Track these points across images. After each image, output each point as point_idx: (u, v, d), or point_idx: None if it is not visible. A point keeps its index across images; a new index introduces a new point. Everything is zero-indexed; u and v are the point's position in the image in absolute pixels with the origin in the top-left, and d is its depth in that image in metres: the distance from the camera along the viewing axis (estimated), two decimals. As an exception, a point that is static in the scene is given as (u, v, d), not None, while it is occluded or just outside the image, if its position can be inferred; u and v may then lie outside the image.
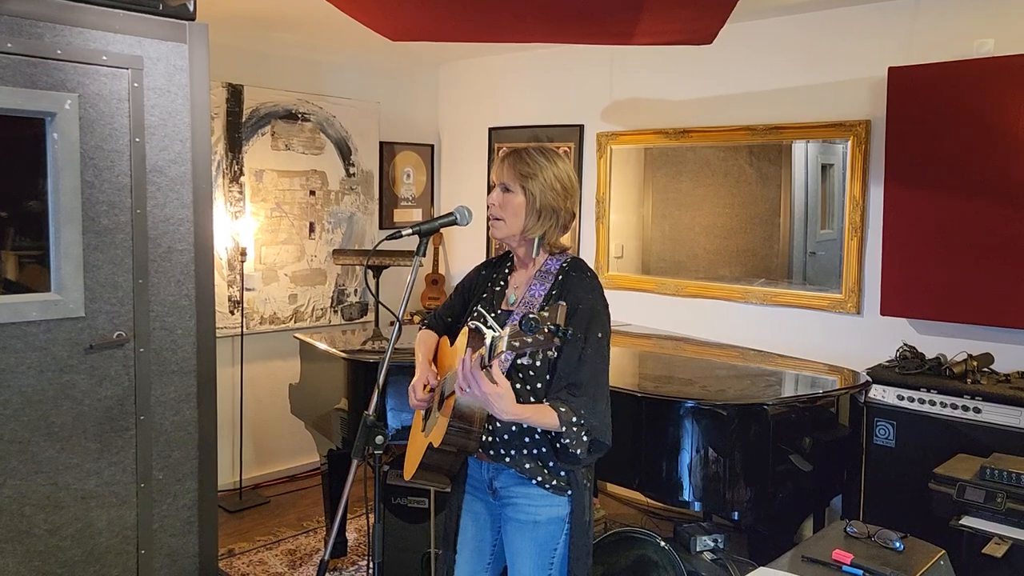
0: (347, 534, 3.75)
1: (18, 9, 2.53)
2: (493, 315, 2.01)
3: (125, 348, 2.83)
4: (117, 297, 2.80)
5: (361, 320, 5.13)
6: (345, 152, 4.98)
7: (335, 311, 5.02)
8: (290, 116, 4.69)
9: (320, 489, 4.60)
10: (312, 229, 4.86)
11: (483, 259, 5.33)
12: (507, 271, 2.12)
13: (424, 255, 2.07)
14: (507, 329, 1.65)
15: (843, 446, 3.10)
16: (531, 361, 1.77)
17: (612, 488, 4.54)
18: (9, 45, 2.52)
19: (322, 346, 3.59)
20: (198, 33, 2.94)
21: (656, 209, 4.57)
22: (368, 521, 3.84)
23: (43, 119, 2.64)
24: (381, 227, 5.22)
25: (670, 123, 4.36)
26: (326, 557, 2.04)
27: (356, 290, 5.12)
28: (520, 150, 2.04)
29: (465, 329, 1.99)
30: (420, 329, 2.28)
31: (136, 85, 2.80)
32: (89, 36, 2.68)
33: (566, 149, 4.84)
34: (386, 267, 4.82)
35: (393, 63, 5.23)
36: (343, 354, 3.42)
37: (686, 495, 2.72)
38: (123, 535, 2.85)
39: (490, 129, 5.25)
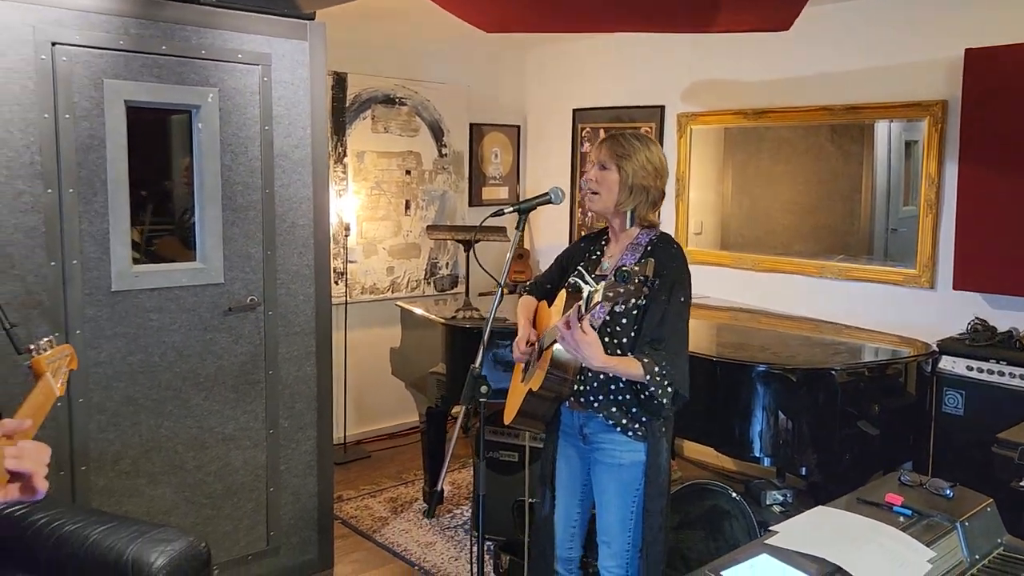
0: (443, 485, 4.11)
1: (171, 16, 2.92)
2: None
3: (256, 311, 3.23)
4: (250, 266, 3.20)
5: (452, 291, 5.48)
6: (438, 134, 5.31)
7: (428, 282, 5.38)
8: (388, 101, 5.05)
9: (415, 445, 5.01)
10: (408, 206, 5.22)
11: (565, 235, 5.61)
12: (603, 243, 2.41)
13: (523, 230, 2.37)
14: (602, 283, 1.94)
15: (911, 413, 3.28)
16: (623, 308, 2.04)
17: (687, 452, 4.79)
18: (164, 47, 2.91)
19: (423, 313, 3.95)
20: (317, 31, 3.29)
21: (735, 186, 4.75)
22: (476, 469, 4.19)
23: (190, 111, 3.04)
24: (471, 204, 5.55)
25: (748, 104, 4.52)
26: (439, 487, 2.37)
27: (447, 263, 5.47)
28: (618, 134, 2.32)
29: (562, 292, 2.29)
30: (522, 295, 2.59)
31: (265, 79, 3.17)
32: (227, 37, 3.06)
33: (647, 129, 5.05)
34: (477, 242, 5.15)
35: (483, 49, 5.52)
36: (442, 320, 3.76)
37: (756, 451, 2.96)
38: (255, 474, 3.27)
39: (574, 110, 5.49)
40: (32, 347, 1.41)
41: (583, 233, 5.53)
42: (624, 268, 1.85)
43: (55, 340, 1.45)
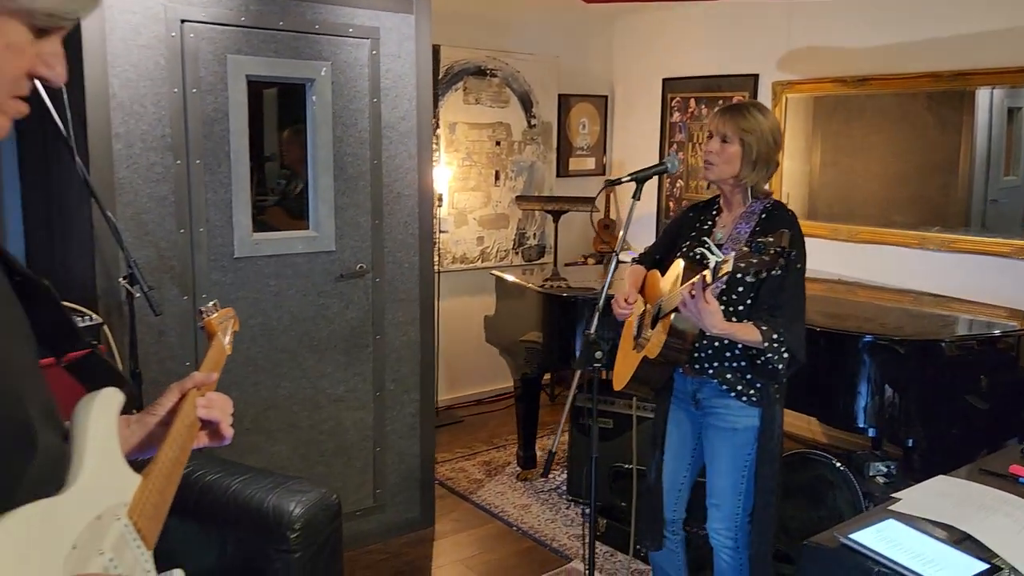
0: (536, 449, 4.21)
1: (288, -8, 3.03)
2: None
3: (365, 278, 3.35)
4: (359, 234, 3.32)
5: (539, 262, 5.54)
6: (527, 104, 5.35)
7: (516, 252, 5.46)
8: (480, 72, 5.10)
9: (504, 412, 5.12)
10: (497, 177, 5.29)
11: (652, 205, 5.60)
12: (714, 212, 2.42)
13: (639, 199, 2.40)
14: (732, 254, 1.96)
15: (1021, 389, 3.20)
16: (753, 279, 2.06)
17: (787, 427, 4.76)
18: (281, 23, 3.02)
19: (519, 282, 4.02)
20: (423, 4, 3.36)
21: (825, 156, 4.66)
22: (591, 432, 4.29)
23: (304, 84, 3.15)
24: (558, 175, 5.58)
25: (849, 71, 4.42)
26: (554, 449, 2.45)
27: (535, 233, 5.53)
28: (739, 105, 2.33)
29: (677, 262, 2.32)
30: (631, 265, 2.63)
31: (374, 53, 3.26)
32: (339, 12, 3.15)
33: (740, 98, 4.98)
34: (564, 212, 5.19)
35: (572, 18, 5.51)
36: (539, 289, 3.83)
37: (861, 422, 2.96)
38: (364, 434, 3.41)
39: (664, 80, 5.45)
40: (202, 309, 1.52)
41: (671, 204, 5.52)
42: (760, 240, 1.87)
43: (218, 304, 1.57)
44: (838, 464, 2.90)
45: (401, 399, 3.50)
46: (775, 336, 2.13)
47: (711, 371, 2.29)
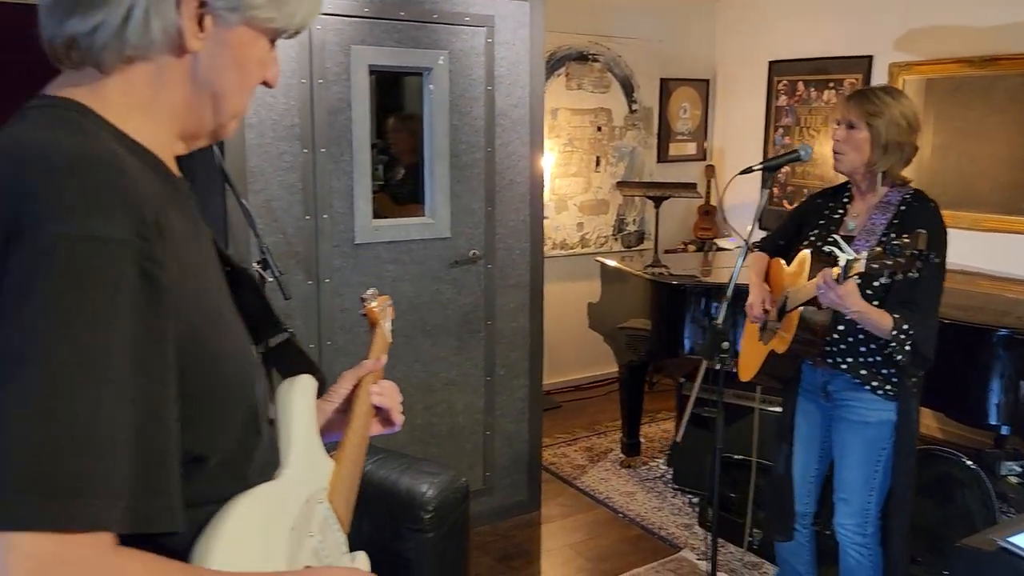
0: (639, 437, 4.20)
1: (408, -18, 3.08)
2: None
3: (478, 264, 3.39)
4: (472, 221, 3.36)
5: (639, 248, 5.50)
6: (628, 90, 5.30)
7: (615, 239, 5.43)
8: (582, 58, 5.07)
9: (603, 398, 5.13)
10: (598, 162, 5.26)
11: (754, 193, 5.47)
12: (845, 200, 2.35)
13: (770, 188, 2.36)
14: (864, 253, 1.91)
15: None
16: (888, 280, 2.01)
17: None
18: (402, 13, 3.07)
19: (625, 268, 4.00)
20: (537, -9, 3.36)
21: (937, 139, 4.45)
22: (716, 424, 4.25)
23: (422, 73, 3.20)
24: (659, 161, 5.51)
25: (974, 51, 4.21)
26: (678, 439, 2.44)
27: (635, 219, 5.49)
28: (865, 90, 2.25)
29: (804, 253, 2.26)
30: (751, 252, 2.58)
31: (489, 41, 3.28)
32: (456, 1, 3.18)
33: (852, 81, 4.82)
34: (666, 198, 5.13)
35: (674, 1, 5.42)
36: (648, 276, 3.80)
37: (993, 419, 2.83)
38: (474, 417, 3.47)
39: (770, 63, 5.31)
40: (364, 298, 1.56)
41: (774, 191, 5.38)
42: (895, 242, 1.82)
43: (377, 291, 1.60)
44: (968, 462, 2.80)
45: (510, 384, 3.54)
46: (905, 327, 2.06)
47: (844, 366, 2.24)
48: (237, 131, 2.79)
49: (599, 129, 5.22)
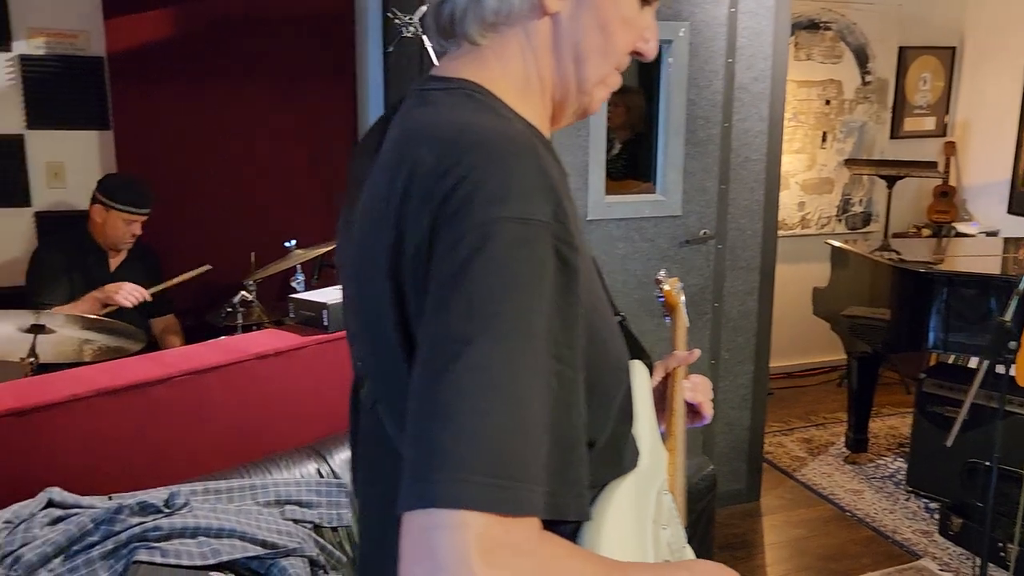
0: (867, 433, 3.94)
1: (653, -48, 2.99)
2: None
3: (708, 244, 3.28)
4: (705, 200, 3.25)
5: (863, 230, 5.14)
6: (862, 60, 4.92)
7: (839, 220, 5.10)
8: (812, 26, 4.77)
9: (818, 387, 4.88)
10: (824, 138, 4.95)
11: (1006, 171, 4.94)
12: None
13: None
14: None
15: None
16: None
17: None
18: (645, -16, 2.99)
19: (862, 252, 3.74)
20: (786, -45, 3.17)
21: None
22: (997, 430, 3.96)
23: (662, 47, 3.11)
24: (892, 137, 5.10)
25: None
26: (948, 443, 2.24)
27: (861, 200, 5.12)
28: None
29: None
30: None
31: (732, 10, 3.13)
32: (701, -31, 3.06)
33: None
34: (900, 178, 4.75)
35: (919, -39, 4.96)
36: (891, 263, 3.53)
37: None
38: (696, 401, 3.38)
39: (1032, 27, 4.74)
40: (659, 279, 1.52)
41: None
42: None
43: (667, 272, 1.56)
44: None
45: (735, 369, 3.42)
46: None
47: None
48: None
49: (827, 103, 4.90)
